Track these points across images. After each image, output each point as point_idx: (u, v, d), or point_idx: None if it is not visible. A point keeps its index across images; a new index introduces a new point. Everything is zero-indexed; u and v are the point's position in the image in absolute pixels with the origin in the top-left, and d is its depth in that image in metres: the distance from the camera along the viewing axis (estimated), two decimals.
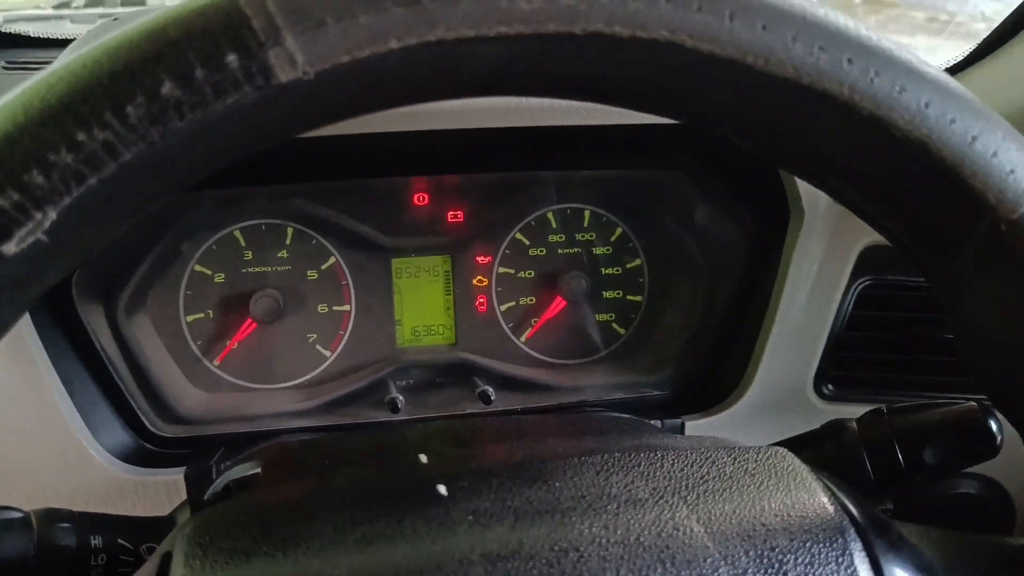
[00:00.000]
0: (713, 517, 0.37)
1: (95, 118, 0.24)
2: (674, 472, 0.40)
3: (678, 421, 0.77)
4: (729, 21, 0.27)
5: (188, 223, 0.76)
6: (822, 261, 0.77)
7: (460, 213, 0.83)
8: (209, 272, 0.79)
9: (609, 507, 0.37)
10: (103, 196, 0.25)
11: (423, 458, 0.47)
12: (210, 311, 0.79)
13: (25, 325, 0.63)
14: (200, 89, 0.25)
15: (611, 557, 0.34)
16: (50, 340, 0.66)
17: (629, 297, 0.87)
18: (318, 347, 0.82)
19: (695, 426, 0.78)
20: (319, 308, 0.81)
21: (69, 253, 0.27)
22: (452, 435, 0.57)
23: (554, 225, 0.85)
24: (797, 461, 0.42)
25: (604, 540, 0.35)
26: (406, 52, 0.26)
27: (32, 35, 0.96)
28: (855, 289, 0.79)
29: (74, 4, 1.42)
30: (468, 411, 0.80)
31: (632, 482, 0.39)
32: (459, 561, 0.34)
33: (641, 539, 0.35)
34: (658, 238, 0.86)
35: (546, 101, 0.67)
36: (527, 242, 0.85)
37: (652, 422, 0.74)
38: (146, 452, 0.73)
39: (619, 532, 0.35)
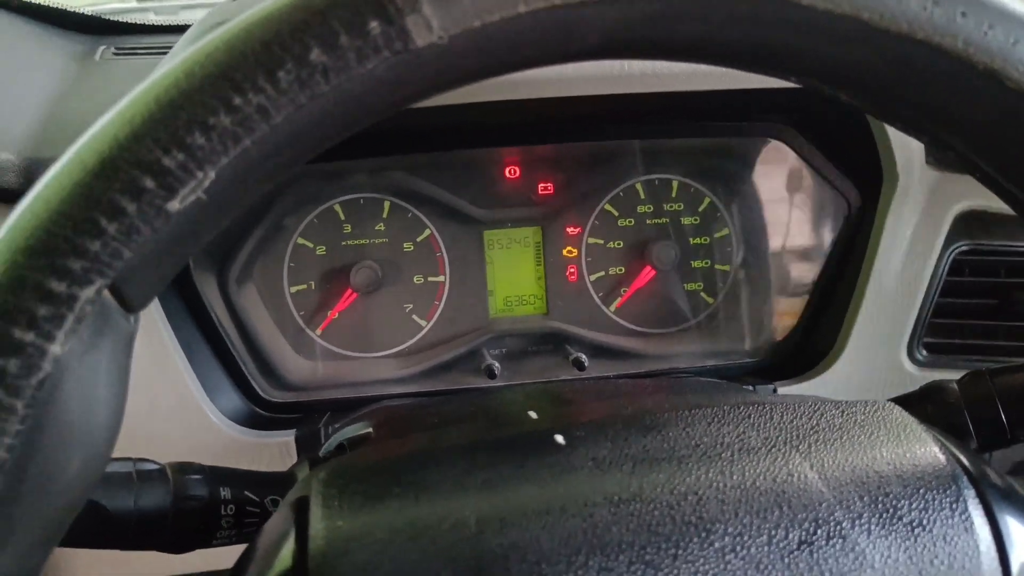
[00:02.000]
0: (826, 465, 0.38)
1: (250, 83, 0.26)
2: (784, 423, 0.41)
3: (770, 387, 0.78)
4: None
5: (291, 198, 0.80)
6: (916, 226, 0.76)
7: (550, 185, 0.84)
8: (311, 245, 0.82)
9: (724, 455, 0.38)
10: (255, 157, 0.28)
11: (533, 414, 0.49)
12: (312, 282, 0.83)
13: None
14: (344, 54, 0.27)
15: (729, 500, 0.36)
16: (172, 310, 0.70)
17: (718, 267, 0.88)
18: (414, 317, 0.85)
19: (787, 392, 0.78)
20: (415, 279, 0.84)
21: (222, 212, 0.30)
22: (555, 395, 0.59)
23: (642, 196, 0.86)
24: (906, 415, 0.42)
25: (721, 484, 0.36)
26: (534, 16, 0.28)
27: (141, 23, 1.01)
28: (950, 254, 0.78)
29: None
30: (563, 378, 0.82)
31: (744, 432, 0.41)
32: (583, 503, 0.36)
33: (757, 484, 0.36)
34: (746, 207, 0.86)
35: (637, 68, 0.68)
36: (616, 213, 0.86)
37: (744, 387, 0.75)
38: (257, 416, 0.77)
39: (735, 477, 0.37)
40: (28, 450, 0.26)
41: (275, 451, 0.71)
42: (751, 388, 0.77)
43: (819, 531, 0.35)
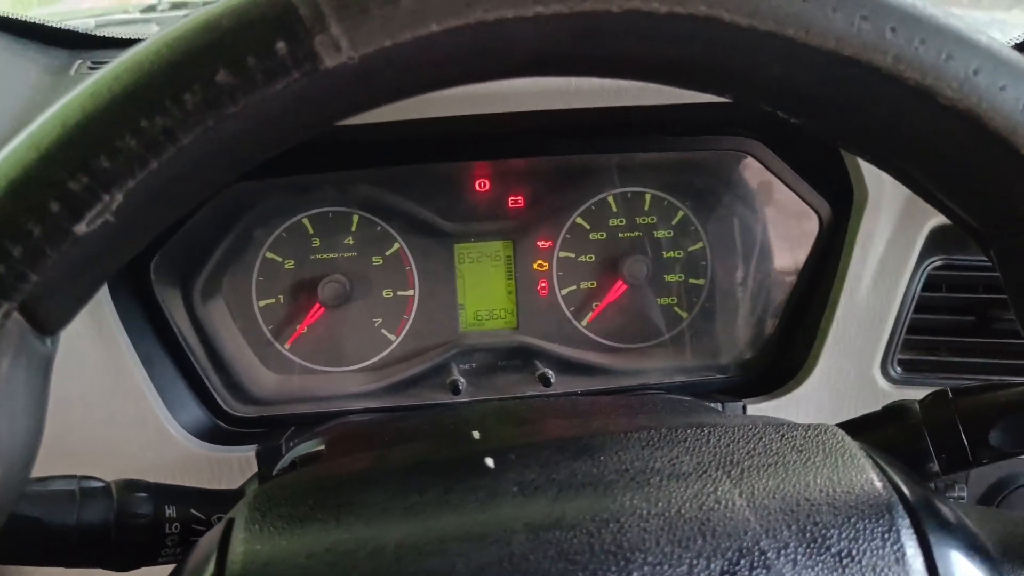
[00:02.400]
0: (756, 491, 0.37)
1: (156, 105, 0.26)
2: (719, 447, 0.41)
3: (739, 404, 0.77)
4: None
5: (259, 211, 0.79)
6: (889, 241, 0.75)
7: (521, 198, 0.84)
8: (279, 259, 0.82)
9: (652, 480, 0.38)
10: (165, 179, 0.27)
11: (476, 434, 0.49)
12: (281, 296, 0.82)
13: (107, 308, 0.67)
14: (252, 76, 0.26)
15: (651, 528, 0.35)
16: (131, 323, 0.70)
17: (692, 280, 0.87)
18: (383, 331, 0.84)
19: (757, 409, 0.77)
20: (384, 293, 0.84)
21: (135, 233, 0.29)
22: (509, 414, 0.58)
23: (615, 209, 0.86)
24: (847, 439, 0.41)
25: (645, 512, 0.36)
26: (446, 34, 0.27)
27: (119, 37, 1.00)
28: (924, 270, 0.77)
29: (159, 7, 1.47)
30: (528, 393, 0.81)
31: (676, 456, 0.40)
32: (503, 530, 0.35)
33: (682, 511, 0.36)
34: (720, 221, 0.86)
35: (607, 82, 0.67)
36: (588, 226, 0.86)
37: (712, 405, 0.74)
38: (220, 430, 0.76)
39: (660, 504, 0.36)
40: None
41: (235, 466, 0.70)
42: (719, 406, 0.76)
43: (742, 561, 0.34)
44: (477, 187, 0.83)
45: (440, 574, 0.33)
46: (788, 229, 0.81)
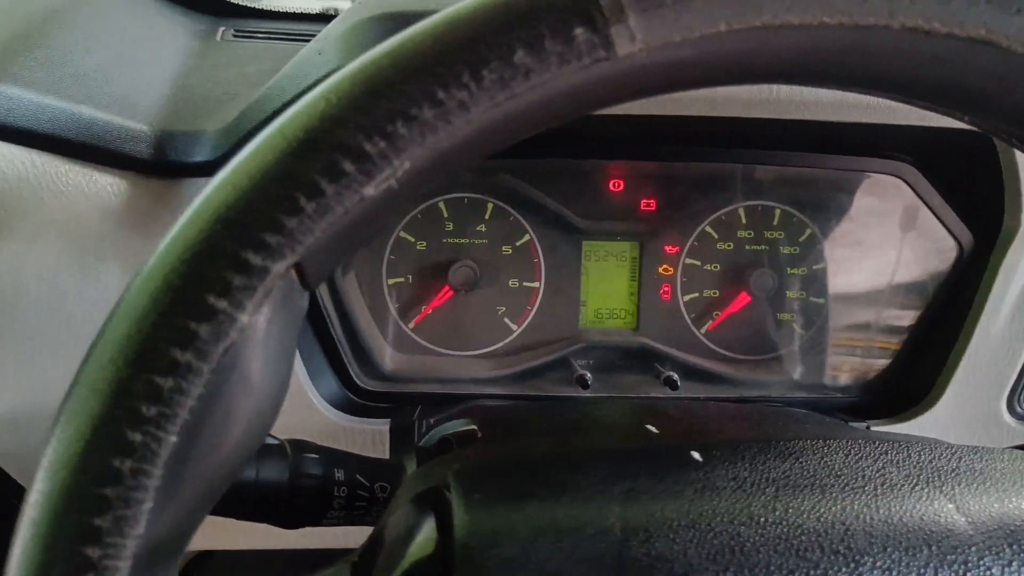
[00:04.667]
0: (972, 508, 0.37)
1: (455, 79, 0.27)
2: (924, 462, 0.41)
3: (863, 425, 0.77)
4: None
5: None
6: None
7: (653, 202, 0.84)
8: (412, 239, 0.83)
9: (867, 488, 0.38)
10: (447, 150, 0.28)
11: (653, 428, 0.49)
12: (409, 276, 0.83)
13: None
14: (547, 58, 0.27)
15: (877, 534, 0.35)
16: None
17: (812, 299, 0.87)
18: (506, 320, 0.85)
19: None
20: (511, 283, 0.85)
21: (403, 201, 0.30)
22: (662, 412, 0.59)
23: (744, 221, 0.86)
24: None
25: (868, 518, 0.36)
26: (730, 36, 0.28)
27: (257, 7, 1.03)
28: None
29: None
30: (653, 395, 0.82)
31: (884, 467, 0.40)
32: (728, 520, 0.35)
33: (904, 520, 0.36)
34: (848, 241, 0.85)
35: (764, 92, 0.67)
36: (715, 236, 0.86)
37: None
38: (351, 402, 0.78)
39: (881, 512, 0.36)
40: (205, 413, 0.27)
41: (367, 438, 0.72)
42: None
43: (968, 575, 0.34)
44: (612, 187, 0.84)
45: (670, 558, 0.34)
46: (922, 254, 0.81)
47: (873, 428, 0.77)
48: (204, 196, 0.28)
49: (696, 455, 0.41)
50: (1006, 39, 0.28)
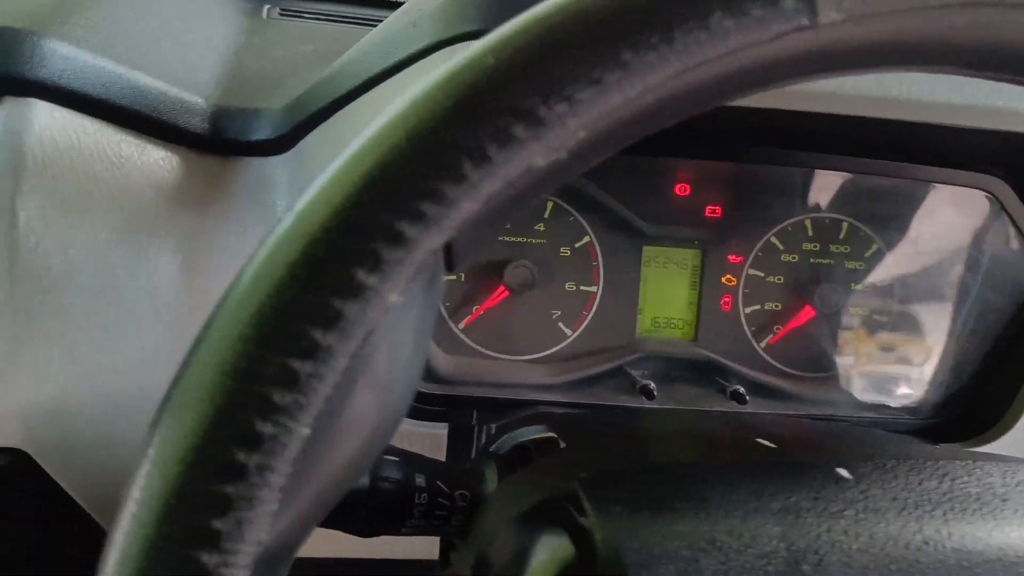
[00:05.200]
0: None
1: (644, 40, 0.23)
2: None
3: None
4: None
5: None
6: None
7: (719, 209, 0.81)
8: None
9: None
10: (624, 120, 0.25)
11: (767, 443, 0.46)
12: (463, 275, 0.79)
13: None
14: (746, 22, 0.24)
15: None
16: None
17: (876, 316, 0.84)
18: (560, 324, 0.81)
19: None
20: (567, 286, 0.81)
21: (561, 176, 0.27)
22: (756, 427, 0.55)
23: (810, 233, 0.82)
24: None
25: None
26: (943, 10, 0.25)
27: None
28: None
29: None
30: (719, 408, 0.78)
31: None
32: (904, 545, 0.32)
33: None
34: (917, 257, 0.82)
35: (846, 86, 0.63)
36: (781, 247, 0.82)
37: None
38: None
39: None
40: (338, 406, 0.24)
41: (424, 440, 0.68)
42: None
43: None
44: (678, 190, 0.80)
45: None
46: (1000, 273, 0.77)
47: None
48: (352, 152, 0.24)
49: (844, 472, 0.37)
50: None
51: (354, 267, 0.22)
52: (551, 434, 0.55)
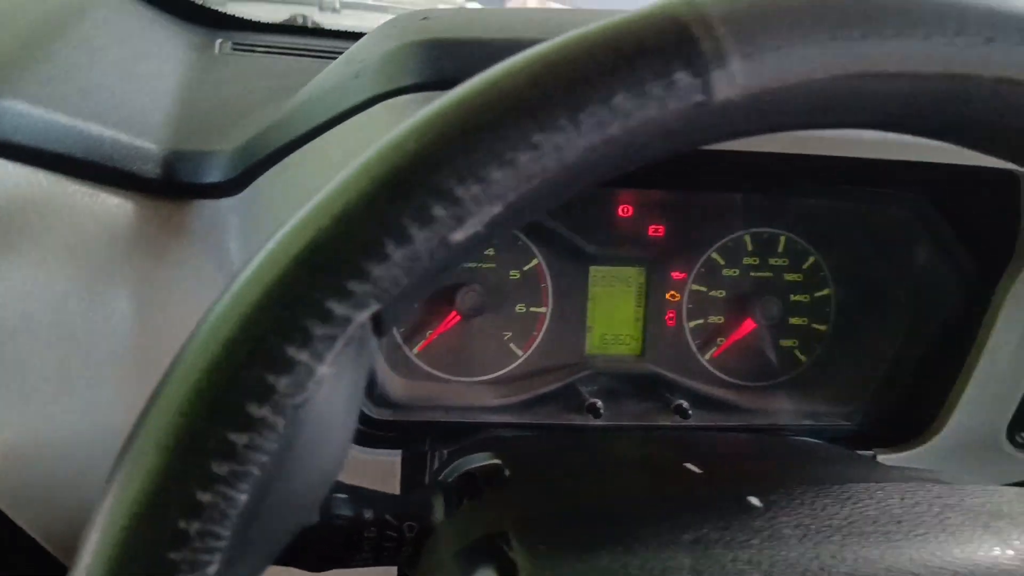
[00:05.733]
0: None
1: (553, 122, 0.26)
2: (976, 506, 0.41)
3: (870, 453, 0.77)
4: None
5: None
6: None
7: (661, 228, 0.84)
8: None
9: (928, 535, 0.38)
10: (537, 194, 0.27)
11: (693, 468, 0.48)
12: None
13: None
14: (646, 102, 0.26)
15: None
16: None
17: (815, 325, 0.88)
18: (511, 345, 0.84)
19: (886, 460, 0.77)
20: (517, 308, 0.84)
21: (484, 246, 0.29)
22: (690, 447, 0.58)
23: (749, 248, 0.86)
24: None
25: (935, 564, 0.36)
26: (828, 81, 0.28)
27: (255, 20, 1.01)
28: None
29: None
30: (664, 423, 0.81)
31: (941, 512, 0.40)
32: (800, 571, 0.35)
33: (968, 567, 0.36)
34: (853, 269, 0.86)
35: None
36: (722, 262, 0.86)
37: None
38: (360, 433, 0.76)
39: (945, 558, 0.36)
40: (276, 469, 0.26)
41: (377, 468, 0.70)
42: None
43: None
44: (620, 212, 0.83)
45: None
46: (927, 284, 0.81)
47: (879, 458, 0.77)
48: (283, 235, 0.27)
49: (755, 501, 0.40)
50: None
51: (286, 344, 0.25)
52: (497, 461, 0.58)
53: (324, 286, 0.25)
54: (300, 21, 1.10)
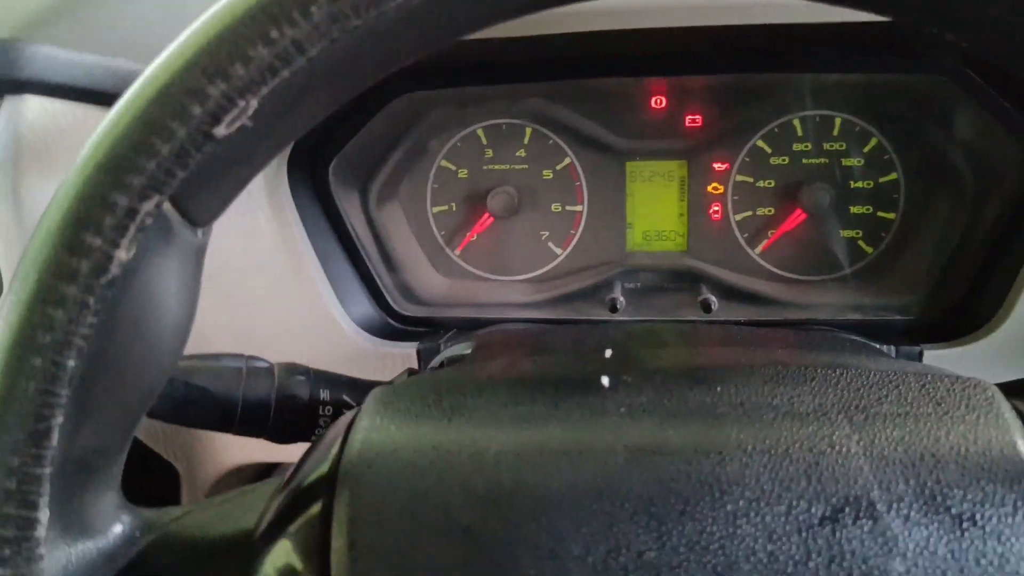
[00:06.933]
0: (877, 440, 0.35)
1: (285, 17, 0.28)
2: (848, 391, 0.38)
3: (916, 349, 0.72)
4: None
5: (434, 120, 0.81)
6: None
7: (699, 117, 0.81)
8: (453, 168, 0.84)
9: (765, 416, 0.37)
10: (297, 88, 0.29)
11: (608, 353, 0.49)
12: (453, 204, 0.85)
13: (288, 209, 0.72)
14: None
15: (753, 464, 0.34)
16: (311, 223, 0.75)
17: (880, 214, 0.81)
18: (550, 244, 0.85)
19: (935, 356, 0.71)
20: (553, 207, 0.84)
21: (273, 137, 0.32)
22: (651, 337, 0.58)
23: (800, 133, 0.81)
24: (1000, 397, 0.38)
25: (750, 447, 0.35)
26: None
27: None
28: None
29: None
30: (687, 318, 0.80)
31: (798, 395, 0.38)
32: (602, 449, 0.35)
33: (790, 451, 0.34)
34: (918, 150, 0.79)
35: None
36: (769, 150, 0.81)
37: (884, 347, 0.69)
38: (387, 326, 0.81)
39: (767, 441, 0.35)
40: (102, 341, 0.30)
41: (398, 361, 0.75)
42: (891, 349, 0.71)
43: (847, 508, 0.32)
44: (653, 104, 0.81)
45: (534, 484, 0.34)
46: (992, 161, 0.73)
47: (927, 353, 0.72)
48: (88, 144, 0.31)
49: (605, 381, 0.40)
50: None
51: (83, 232, 0.29)
52: (468, 351, 0.60)
53: (108, 181, 0.29)
54: None
